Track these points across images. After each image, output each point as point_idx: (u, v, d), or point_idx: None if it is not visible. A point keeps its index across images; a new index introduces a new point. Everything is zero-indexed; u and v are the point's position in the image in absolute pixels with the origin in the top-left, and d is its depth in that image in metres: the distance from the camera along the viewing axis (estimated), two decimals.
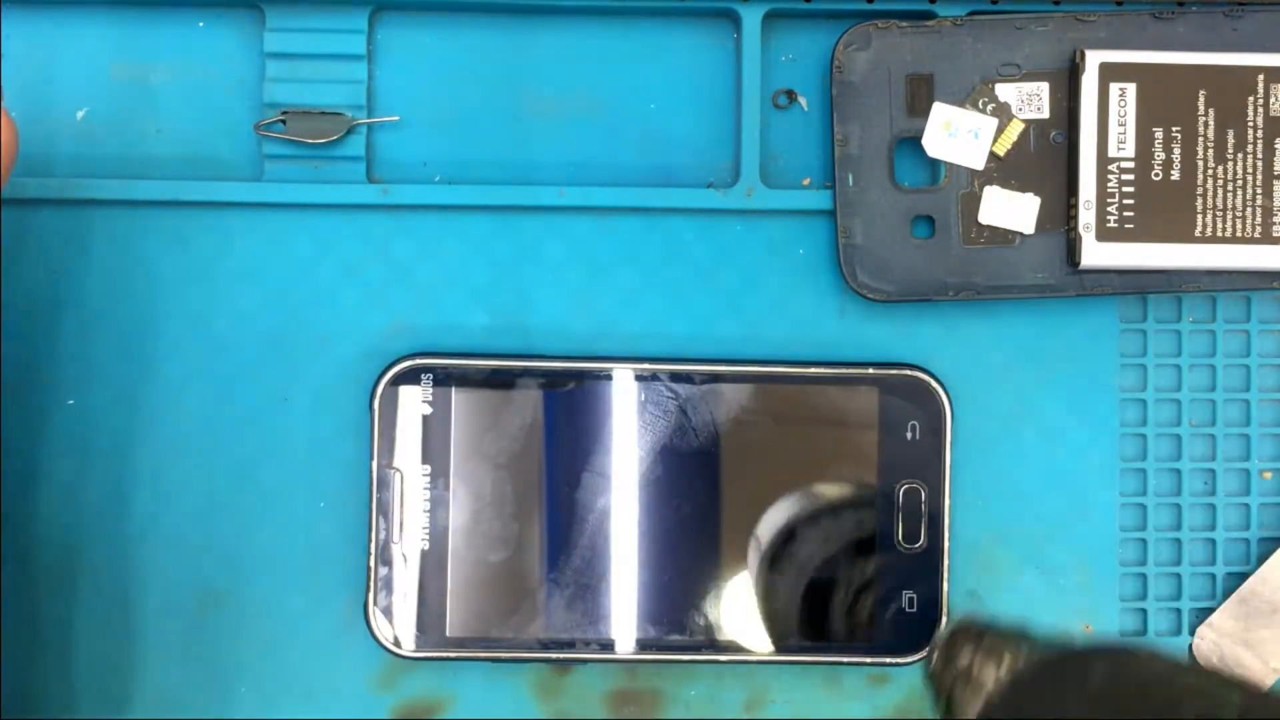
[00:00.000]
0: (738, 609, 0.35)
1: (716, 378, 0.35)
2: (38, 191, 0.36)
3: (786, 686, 0.37)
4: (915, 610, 0.35)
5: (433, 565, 0.35)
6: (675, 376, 0.35)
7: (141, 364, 0.36)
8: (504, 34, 0.37)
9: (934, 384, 0.36)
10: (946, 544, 0.35)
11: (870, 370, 0.36)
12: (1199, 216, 0.35)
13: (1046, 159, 0.36)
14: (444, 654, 0.35)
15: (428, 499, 0.35)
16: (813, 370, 0.36)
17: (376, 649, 0.35)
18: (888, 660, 0.35)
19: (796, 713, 0.37)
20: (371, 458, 0.35)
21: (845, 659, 0.35)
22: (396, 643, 0.35)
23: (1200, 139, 0.35)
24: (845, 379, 0.36)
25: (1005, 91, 0.36)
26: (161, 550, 0.36)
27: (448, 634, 0.35)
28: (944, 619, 0.35)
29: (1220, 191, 0.35)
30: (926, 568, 0.35)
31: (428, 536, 0.35)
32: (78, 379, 0.36)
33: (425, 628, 0.35)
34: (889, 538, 0.35)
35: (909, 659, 0.35)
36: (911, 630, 0.35)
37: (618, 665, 0.36)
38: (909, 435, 0.36)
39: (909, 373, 0.36)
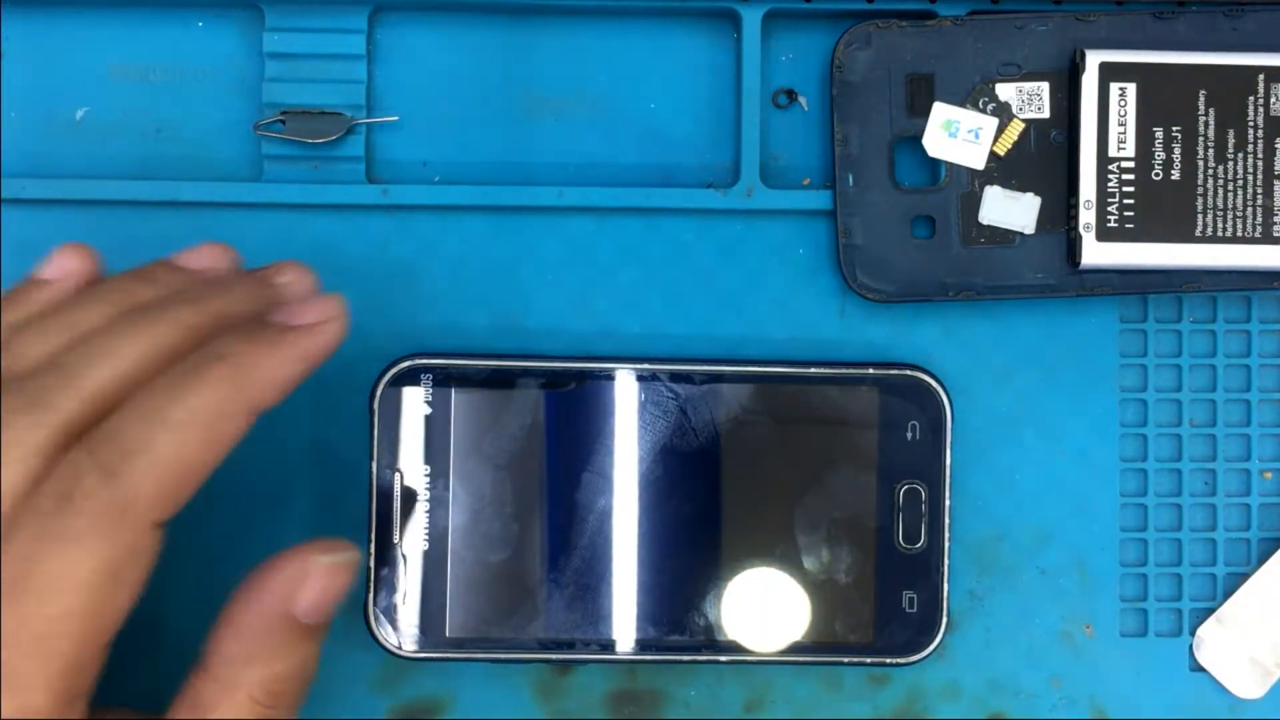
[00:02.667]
0: (738, 609, 0.35)
1: (717, 378, 0.35)
2: (38, 191, 0.36)
3: (786, 686, 0.37)
4: (915, 610, 0.35)
5: (433, 565, 0.35)
6: (675, 376, 0.35)
7: None
8: (504, 34, 0.37)
9: (934, 384, 0.36)
10: (946, 544, 0.35)
11: (870, 370, 0.36)
12: (1199, 216, 0.35)
13: (1047, 159, 0.36)
14: (444, 654, 0.35)
15: (428, 499, 0.35)
16: (813, 370, 0.36)
17: (376, 649, 0.35)
18: (888, 660, 0.35)
19: (796, 713, 0.37)
20: (371, 458, 0.35)
21: (845, 659, 0.35)
22: (397, 643, 0.35)
23: (1200, 139, 0.35)
24: (845, 379, 0.36)
25: (1005, 91, 0.36)
26: (160, 551, 0.36)
27: (448, 634, 0.35)
28: (944, 619, 0.35)
29: (1220, 191, 0.35)
30: (926, 568, 0.35)
31: (428, 536, 0.35)
32: None
33: (425, 628, 0.35)
34: (889, 538, 0.35)
35: (909, 659, 0.35)
36: (911, 630, 0.35)
37: (618, 665, 0.36)
38: (909, 435, 0.36)
39: (909, 373, 0.36)
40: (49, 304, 0.29)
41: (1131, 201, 0.35)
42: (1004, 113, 0.36)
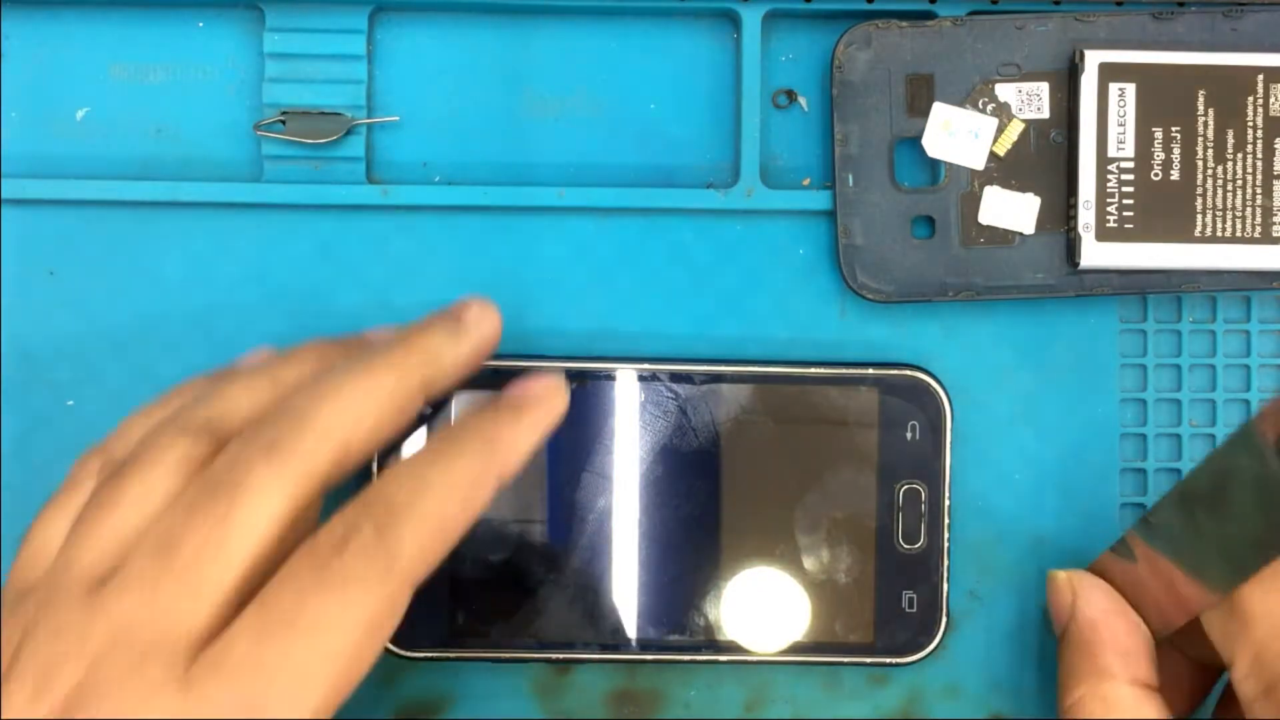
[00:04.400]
0: (738, 609, 0.35)
1: (717, 378, 0.35)
2: (38, 192, 0.36)
3: (786, 686, 0.37)
4: (915, 610, 0.35)
5: None
6: (675, 377, 0.35)
7: (141, 365, 0.36)
8: (504, 34, 0.37)
9: (934, 384, 0.36)
10: (946, 544, 0.35)
11: (870, 370, 0.36)
12: (1199, 216, 0.35)
13: (1046, 159, 0.36)
14: (444, 654, 0.35)
15: None
16: (813, 371, 0.36)
17: None
18: (888, 660, 0.35)
19: (796, 713, 0.37)
20: (371, 458, 0.35)
21: (845, 659, 0.35)
22: (397, 643, 0.35)
23: (1200, 139, 0.35)
24: (845, 379, 0.36)
25: (1005, 91, 0.36)
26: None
27: (448, 634, 0.35)
28: (944, 619, 0.35)
29: (1220, 191, 0.35)
30: (926, 568, 0.35)
31: None
32: (77, 379, 0.36)
33: (425, 628, 0.35)
34: (889, 538, 0.35)
35: (909, 659, 0.35)
36: (911, 630, 0.35)
37: (618, 665, 0.36)
38: (909, 435, 0.36)
39: (909, 373, 0.36)
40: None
41: (1131, 202, 0.35)
42: (1004, 113, 0.36)
